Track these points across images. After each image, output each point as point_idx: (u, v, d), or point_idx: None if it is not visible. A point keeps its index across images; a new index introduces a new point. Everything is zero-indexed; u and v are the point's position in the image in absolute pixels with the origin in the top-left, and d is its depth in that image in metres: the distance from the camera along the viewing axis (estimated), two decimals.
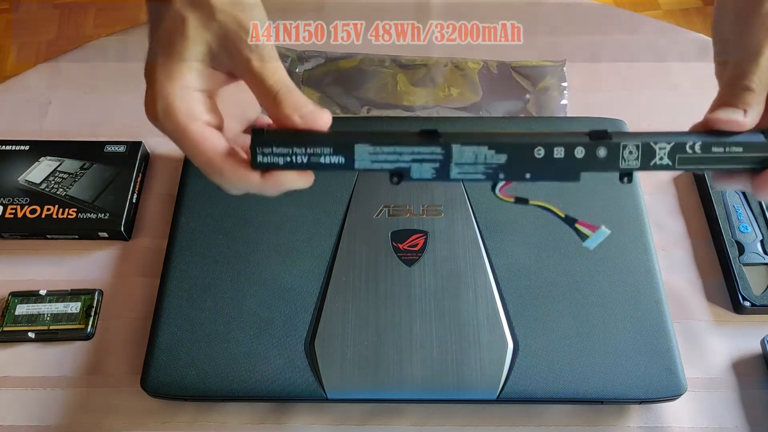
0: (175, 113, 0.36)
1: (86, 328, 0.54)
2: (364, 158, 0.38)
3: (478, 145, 0.38)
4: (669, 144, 0.40)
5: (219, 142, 0.37)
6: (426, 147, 0.38)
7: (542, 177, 0.39)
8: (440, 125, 0.63)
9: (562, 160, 0.39)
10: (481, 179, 0.39)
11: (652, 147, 0.39)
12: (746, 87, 0.41)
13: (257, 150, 0.37)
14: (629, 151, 0.39)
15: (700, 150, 0.40)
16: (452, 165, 0.38)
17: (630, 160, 0.39)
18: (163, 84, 0.36)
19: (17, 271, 0.58)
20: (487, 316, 0.51)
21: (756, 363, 0.53)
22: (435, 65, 0.71)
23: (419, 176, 0.38)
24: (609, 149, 0.39)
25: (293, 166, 0.38)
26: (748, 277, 0.55)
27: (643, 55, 0.72)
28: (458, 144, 0.38)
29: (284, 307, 0.52)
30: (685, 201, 0.61)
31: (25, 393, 0.52)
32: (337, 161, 0.38)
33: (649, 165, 0.39)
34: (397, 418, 0.51)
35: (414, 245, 0.54)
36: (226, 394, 0.49)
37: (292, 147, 0.38)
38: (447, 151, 0.38)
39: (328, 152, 0.38)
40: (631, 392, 0.48)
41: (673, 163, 0.39)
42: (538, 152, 0.38)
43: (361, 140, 0.38)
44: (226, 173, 0.37)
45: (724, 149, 0.39)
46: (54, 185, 0.61)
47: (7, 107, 0.70)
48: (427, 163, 0.38)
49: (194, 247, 0.55)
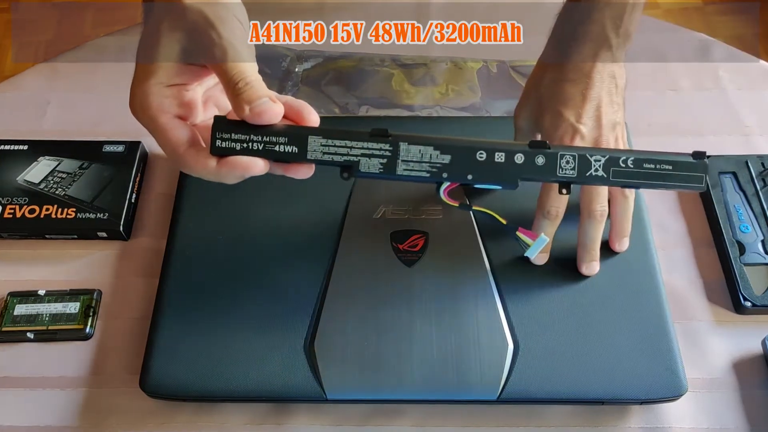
0: (148, 107, 0.41)
1: (85, 329, 0.54)
2: (316, 149, 0.41)
3: (424, 145, 0.41)
4: (604, 157, 0.42)
5: (183, 132, 0.41)
6: (375, 143, 0.41)
7: (483, 180, 0.42)
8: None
9: (503, 164, 0.41)
10: (426, 177, 0.41)
11: (588, 159, 0.42)
12: None
13: (216, 136, 0.41)
14: (566, 161, 0.42)
15: (633, 165, 0.42)
16: (399, 161, 0.41)
17: (567, 170, 0.42)
18: (140, 82, 0.41)
19: (16, 271, 0.58)
20: (487, 317, 0.51)
21: (757, 363, 0.53)
22: (434, 65, 0.71)
23: (367, 170, 0.41)
24: (547, 158, 0.42)
25: (249, 152, 0.41)
26: (749, 277, 0.55)
27: (643, 54, 0.72)
28: (405, 143, 0.41)
29: (283, 308, 0.52)
30: (685, 201, 0.61)
31: (24, 393, 0.52)
32: (290, 150, 0.41)
33: (585, 176, 0.42)
34: (397, 418, 0.50)
35: (414, 246, 0.54)
36: (225, 394, 0.49)
37: (249, 135, 0.41)
38: (395, 148, 0.41)
39: (283, 141, 0.41)
40: (631, 392, 0.48)
41: (607, 175, 0.42)
42: (480, 155, 0.41)
43: (314, 133, 0.41)
44: (187, 160, 0.41)
45: (655, 166, 0.42)
46: (53, 185, 0.60)
47: (6, 107, 0.69)
48: (375, 159, 0.41)
49: (193, 247, 0.55)
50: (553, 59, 0.52)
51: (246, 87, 0.40)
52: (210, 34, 0.40)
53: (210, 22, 0.40)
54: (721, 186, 0.60)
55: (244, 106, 0.40)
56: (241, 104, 0.40)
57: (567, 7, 0.52)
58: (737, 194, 0.59)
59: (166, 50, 0.41)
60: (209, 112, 0.45)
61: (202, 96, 0.45)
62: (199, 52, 0.41)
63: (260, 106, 0.40)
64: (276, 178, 0.43)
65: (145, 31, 0.42)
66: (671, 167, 0.42)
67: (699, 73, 0.70)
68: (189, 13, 0.40)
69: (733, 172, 0.60)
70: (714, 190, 0.59)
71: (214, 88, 0.46)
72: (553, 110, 0.50)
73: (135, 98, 0.41)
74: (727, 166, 0.61)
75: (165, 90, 0.41)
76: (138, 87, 0.41)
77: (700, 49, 0.72)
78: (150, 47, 0.41)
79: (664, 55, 0.72)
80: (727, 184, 0.60)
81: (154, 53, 0.41)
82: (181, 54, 0.41)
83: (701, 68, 0.70)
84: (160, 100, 0.41)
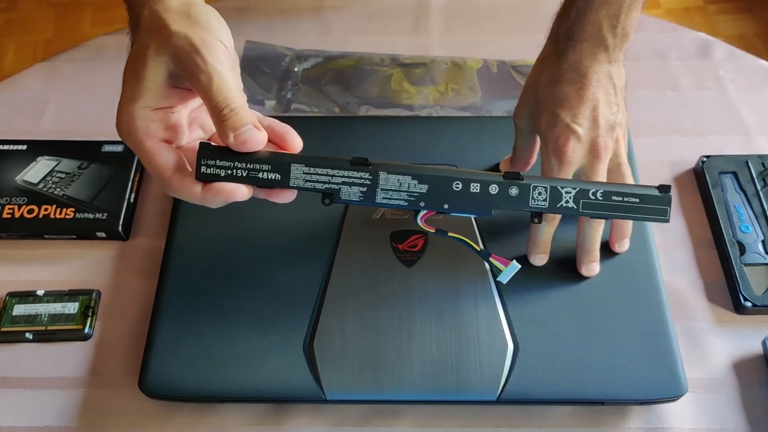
0: (134, 132, 0.41)
1: (84, 329, 0.54)
2: (299, 177, 0.42)
3: (403, 174, 0.43)
4: (574, 189, 0.44)
5: (169, 157, 0.42)
6: (355, 172, 0.43)
7: (459, 209, 0.44)
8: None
9: (478, 194, 0.44)
10: (404, 206, 0.43)
11: (559, 191, 0.44)
12: None
13: (201, 162, 0.42)
14: (539, 192, 0.44)
15: (602, 197, 0.44)
16: (378, 190, 0.43)
17: (539, 200, 0.44)
18: (127, 105, 0.41)
19: (15, 271, 0.58)
20: (487, 317, 0.51)
21: (757, 363, 0.52)
22: (434, 64, 0.71)
23: (348, 198, 0.43)
24: (520, 189, 0.44)
25: (233, 179, 0.42)
26: (750, 278, 0.55)
27: (644, 54, 0.72)
28: (384, 172, 0.43)
29: (283, 308, 0.52)
30: (686, 201, 0.61)
31: (23, 394, 0.52)
32: (274, 177, 0.42)
33: (556, 207, 0.44)
34: (397, 419, 0.50)
35: (413, 246, 0.54)
36: (224, 395, 0.49)
37: (233, 162, 0.42)
38: (374, 177, 0.43)
39: (266, 169, 0.42)
40: (631, 393, 0.48)
41: (578, 206, 0.44)
42: (456, 185, 0.43)
43: (297, 161, 0.42)
44: (173, 184, 0.42)
45: (623, 198, 0.45)
46: (52, 185, 0.60)
47: (5, 107, 0.69)
48: (356, 187, 0.43)
49: (192, 248, 0.55)
50: (550, 59, 0.52)
51: (231, 114, 0.40)
52: (195, 60, 0.40)
53: (195, 47, 0.41)
54: (721, 186, 0.60)
55: (229, 134, 0.40)
56: (226, 131, 0.40)
57: (564, 6, 0.52)
58: (738, 194, 0.59)
59: (152, 74, 0.41)
60: (194, 133, 0.46)
61: (188, 117, 0.45)
62: (184, 76, 0.41)
63: (244, 134, 0.40)
64: None
65: (132, 54, 0.43)
66: (638, 200, 0.45)
67: (700, 73, 0.70)
68: (175, 38, 0.41)
69: (733, 172, 0.60)
70: (714, 190, 0.59)
71: (198, 109, 0.46)
72: (550, 111, 0.50)
73: (122, 122, 0.42)
74: (728, 166, 0.61)
75: (151, 114, 0.42)
76: (124, 110, 0.42)
77: (701, 49, 0.72)
78: (136, 70, 0.42)
79: (665, 55, 0.72)
80: (727, 184, 0.60)
81: (141, 77, 0.41)
82: (168, 78, 0.42)
83: (702, 68, 0.70)
84: (146, 124, 0.41)
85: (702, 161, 0.61)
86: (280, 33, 0.74)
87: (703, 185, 0.61)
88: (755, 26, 1.71)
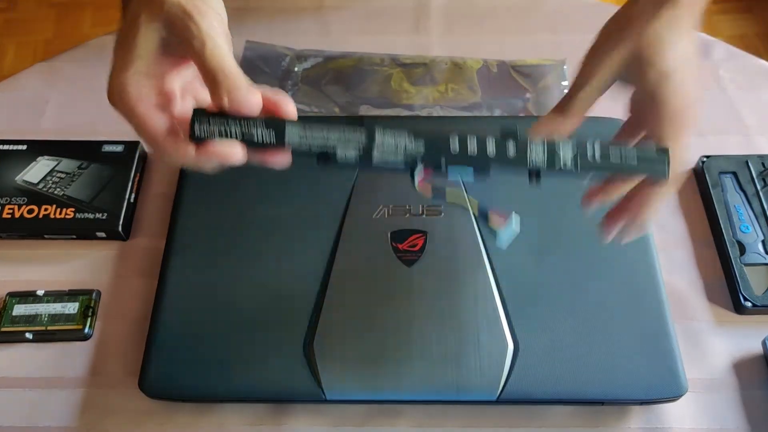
0: (126, 96, 0.41)
1: (84, 329, 0.54)
2: (294, 137, 0.42)
3: (399, 129, 0.42)
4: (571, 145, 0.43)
5: (162, 121, 0.41)
6: (351, 131, 0.42)
7: (456, 161, 0.43)
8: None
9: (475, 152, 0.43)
10: (401, 165, 0.43)
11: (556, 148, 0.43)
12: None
13: (195, 122, 0.41)
14: (536, 150, 0.43)
15: (600, 154, 0.43)
16: (374, 150, 0.42)
17: (537, 160, 0.43)
18: (119, 72, 0.41)
19: (15, 272, 0.58)
20: (487, 317, 0.51)
21: (757, 363, 0.52)
22: (434, 64, 0.71)
23: (344, 158, 0.42)
24: (518, 146, 0.43)
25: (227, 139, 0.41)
26: (749, 278, 0.55)
27: None
28: (380, 127, 0.42)
29: (282, 308, 0.52)
30: (686, 201, 0.61)
31: (23, 394, 0.52)
32: (269, 138, 0.42)
33: (554, 165, 0.43)
34: (397, 419, 0.50)
35: (413, 245, 0.54)
36: (224, 395, 0.49)
37: (227, 120, 0.41)
38: (370, 136, 0.42)
39: (261, 128, 0.42)
40: (631, 393, 0.48)
41: (576, 167, 0.43)
42: (453, 142, 0.43)
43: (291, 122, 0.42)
44: (166, 148, 0.41)
45: (621, 159, 0.43)
46: (51, 185, 0.60)
47: (5, 106, 0.69)
48: (352, 147, 0.42)
49: (192, 248, 0.55)
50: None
51: (225, 77, 0.40)
52: (189, 26, 0.40)
53: (188, 13, 0.41)
54: (721, 186, 0.60)
55: (223, 96, 0.40)
56: (220, 94, 0.40)
57: None
58: (738, 194, 0.59)
59: (144, 41, 0.41)
60: (187, 103, 0.46)
61: (180, 88, 0.45)
62: (177, 43, 0.41)
63: (239, 95, 0.40)
64: (275, 177, 0.43)
65: (123, 23, 0.43)
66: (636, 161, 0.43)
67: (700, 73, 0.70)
68: (168, 6, 0.41)
69: (733, 172, 0.60)
70: (714, 190, 0.59)
71: (192, 81, 0.46)
72: (676, 70, 0.46)
73: (113, 88, 0.41)
74: (728, 165, 0.61)
75: (143, 80, 0.41)
76: (116, 77, 0.41)
77: (701, 49, 0.72)
78: (129, 38, 0.41)
79: None
80: (727, 184, 0.60)
81: (133, 44, 0.41)
82: (160, 44, 0.41)
83: (702, 68, 0.70)
84: (138, 90, 0.41)
85: (702, 161, 0.61)
86: (280, 33, 0.74)
87: (703, 185, 0.61)
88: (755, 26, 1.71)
